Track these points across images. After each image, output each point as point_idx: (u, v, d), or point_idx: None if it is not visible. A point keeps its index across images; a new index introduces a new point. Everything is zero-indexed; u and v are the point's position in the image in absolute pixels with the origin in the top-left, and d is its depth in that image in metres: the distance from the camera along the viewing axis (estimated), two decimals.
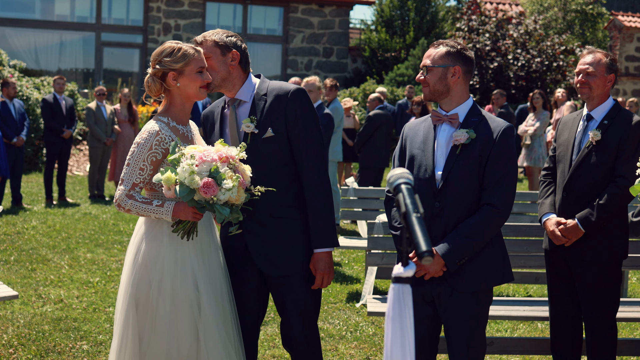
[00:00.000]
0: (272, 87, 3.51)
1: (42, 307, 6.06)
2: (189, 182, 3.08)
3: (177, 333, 3.29)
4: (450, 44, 3.47)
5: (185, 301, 3.30)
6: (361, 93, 18.36)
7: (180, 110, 3.44)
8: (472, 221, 3.33)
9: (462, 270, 3.38)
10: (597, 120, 4.15)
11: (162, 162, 3.31)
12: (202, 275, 3.35)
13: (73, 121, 11.78)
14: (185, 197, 3.11)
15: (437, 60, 3.45)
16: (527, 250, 5.19)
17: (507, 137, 3.39)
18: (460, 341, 3.42)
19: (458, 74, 3.44)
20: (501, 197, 3.34)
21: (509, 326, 5.90)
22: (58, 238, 8.76)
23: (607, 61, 4.15)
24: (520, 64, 19.96)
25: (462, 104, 3.47)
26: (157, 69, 3.38)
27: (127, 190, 3.30)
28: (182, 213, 3.23)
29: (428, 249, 1.92)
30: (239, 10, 22.43)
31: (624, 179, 3.97)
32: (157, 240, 3.33)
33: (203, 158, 3.13)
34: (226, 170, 3.14)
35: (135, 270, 3.35)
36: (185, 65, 3.35)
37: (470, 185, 3.38)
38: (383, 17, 21.30)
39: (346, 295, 6.71)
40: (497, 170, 3.35)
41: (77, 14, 21.59)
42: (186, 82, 3.37)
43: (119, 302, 3.42)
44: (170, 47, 3.38)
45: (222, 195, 3.11)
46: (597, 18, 25.33)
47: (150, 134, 3.32)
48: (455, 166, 3.37)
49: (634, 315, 4.85)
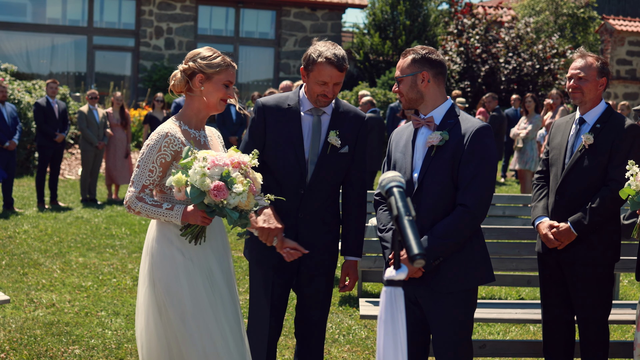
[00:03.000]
0: (346, 106, 3.83)
1: (33, 311, 6.04)
2: (200, 184, 3.09)
3: (207, 333, 3.28)
4: (416, 51, 3.51)
5: (205, 300, 3.31)
6: (354, 96, 18.39)
7: (195, 115, 3.44)
8: (445, 222, 3.37)
9: (440, 271, 3.41)
10: (590, 124, 4.17)
11: (172, 165, 3.31)
12: (217, 274, 3.37)
13: (65, 125, 11.75)
14: (196, 199, 3.11)
15: (405, 69, 3.51)
16: (520, 253, 5.21)
17: (479, 137, 3.39)
18: (445, 343, 3.44)
19: (427, 79, 3.47)
20: (473, 197, 3.35)
21: (502, 329, 5.91)
22: (50, 242, 8.73)
23: (599, 65, 4.16)
24: (512, 68, 20.03)
25: (438, 107, 3.51)
26: (188, 66, 3.39)
27: (137, 192, 3.29)
28: (191, 217, 3.23)
29: (420, 251, 1.93)
30: (231, 14, 22.43)
31: (616, 182, 3.99)
32: (169, 240, 3.33)
33: (215, 162, 3.14)
34: (237, 175, 3.16)
35: (150, 275, 3.34)
36: (215, 73, 3.36)
37: (446, 187, 3.41)
38: (375, 21, 21.34)
39: (339, 299, 6.71)
40: (469, 170, 3.37)
41: (69, 18, 21.55)
42: (210, 89, 3.37)
43: (139, 310, 3.41)
44: (210, 51, 3.41)
45: (232, 199, 3.13)
46: (589, 22, 25.46)
47: (159, 136, 3.31)
48: (430, 168, 3.42)
49: (626, 318, 4.87)
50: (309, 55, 3.65)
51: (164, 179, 3.33)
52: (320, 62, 3.59)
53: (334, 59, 3.59)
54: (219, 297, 3.35)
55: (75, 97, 18.15)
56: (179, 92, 3.45)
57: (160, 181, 3.35)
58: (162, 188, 3.37)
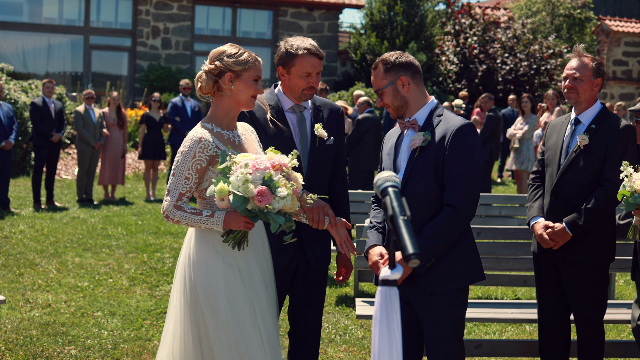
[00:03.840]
0: (321, 100, 3.93)
1: (29, 311, 6.03)
2: (243, 190, 3.02)
3: (243, 338, 3.23)
4: (386, 60, 3.49)
5: (245, 306, 3.26)
6: (350, 97, 18.39)
7: (226, 115, 3.36)
8: (434, 223, 3.37)
9: (430, 271, 3.42)
10: (585, 125, 4.17)
11: (208, 170, 3.24)
12: (258, 280, 3.32)
13: (62, 125, 11.74)
14: (240, 206, 3.04)
15: (382, 81, 3.50)
16: (516, 253, 5.22)
17: (461, 135, 3.38)
18: (437, 343, 3.45)
19: (407, 82, 3.47)
20: (458, 197, 3.35)
21: (498, 329, 5.92)
22: (46, 242, 8.72)
23: (594, 65, 4.17)
24: (509, 68, 20.06)
25: (421, 109, 3.51)
26: (215, 67, 3.31)
27: (174, 201, 3.22)
28: (233, 223, 3.16)
29: (415, 251, 1.93)
30: (228, 14, 22.42)
31: (611, 183, 4.00)
32: (209, 245, 3.27)
33: (256, 166, 3.07)
34: (280, 178, 3.09)
35: (187, 280, 3.28)
36: (244, 70, 3.30)
37: (431, 187, 3.41)
38: (372, 21, 21.34)
39: (335, 299, 6.72)
40: (453, 169, 3.37)
41: (66, 17, 21.51)
42: (241, 87, 3.31)
43: (171, 311, 3.35)
44: (234, 48, 3.34)
45: (276, 203, 3.06)
46: (585, 22, 25.50)
47: (193, 142, 3.23)
48: (414, 169, 3.42)
49: (621, 317, 4.88)
50: (285, 52, 3.69)
51: (201, 185, 3.27)
52: (301, 54, 3.65)
53: (312, 48, 3.68)
54: (257, 303, 3.29)
55: (71, 96, 18.14)
56: (207, 94, 3.37)
57: (197, 187, 3.28)
58: (201, 194, 3.30)
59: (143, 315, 6.02)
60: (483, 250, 5.26)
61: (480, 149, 3.47)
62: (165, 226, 9.99)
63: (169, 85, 20.00)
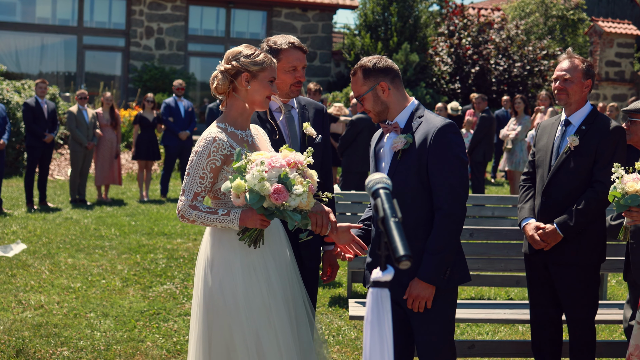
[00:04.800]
0: (305, 99, 3.95)
1: (22, 313, 6.01)
2: (260, 188, 3.04)
3: (255, 342, 3.22)
4: (364, 66, 3.48)
5: (261, 307, 3.25)
6: (344, 97, 18.41)
7: (240, 115, 3.37)
8: (433, 236, 3.36)
9: (417, 273, 3.41)
10: (575, 126, 4.19)
11: (222, 169, 3.25)
12: (275, 279, 3.32)
13: (55, 125, 11.71)
14: (256, 204, 3.06)
15: (361, 87, 3.50)
16: (508, 254, 5.23)
17: (443, 136, 3.37)
18: (427, 343, 3.46)
19: (386, 87, 3.47)
20: (447, 199, 3.35)
21: (490, 329, 5.93)
22: (38, 243, 8.70)
23: (584, 67, 4.19)
24: (502, 69, 20.11)
25: (402, 111, 3.51)
26: (231, 66, 3.31)
27: (189, 200, 3.22)
28: (249, 221, 3.17)
29: (406, 253, 1.93)
30: (222, 14, 22.41)
31: (602, 184, 4.01)
32: (229, 246, 3.28)
33: (272, 164, 3.09)
34: (295, 175, 3.11)
35: (206, 282, 3.27)
36: (260, 71, 3.31)
37: (414, 189, 3.40)
38: (366, 22, 21.36)
39: (329, 300, 6.72)
40: (436, 171, 3.37)
41: (59, 17, 21.47)
42: (257, 87, 3.32)
43: (194, 314, 3.35)
44: (250, 48, 3.35)
45: (292, 201, 3.07)
46: (578, 23, 25.57)
47: (207, 141, 3.24)
48: (397, 172, 3.43)
49: (613, 318, 4.89)
50: (268, 49, 3.70)
51: (216, 185, 3.28)
52: (286, 49, 3.67)
53: (296, 42, 3.70)
54: (274, 303, 3.29)
55: (64, 97, 18.10)
56: (222, 94, 3.37)
57: (212, 187, 3.28)
58: (216, 194, 3.30)
59: (136, 317, 6.02)
60: (476, 251, 5.27)
61: (463, 146, 3.48)
62: (159, 227, 9.98)
63: (162, 86, 19.98)
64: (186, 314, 6.06)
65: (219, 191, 3.29)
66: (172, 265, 7.84)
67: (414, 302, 3.39)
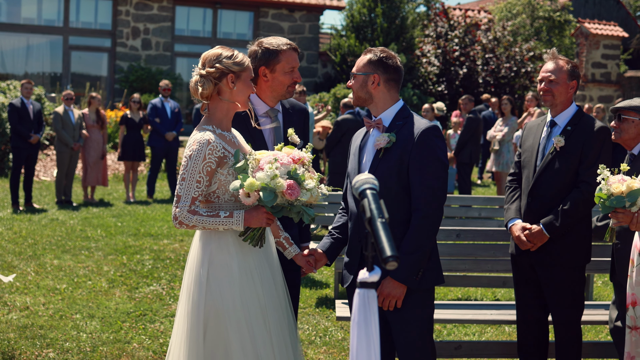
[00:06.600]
0: (290, 101, 3.91)
1: (7, 314, 5.97)
2: (274, 185, 3.06)
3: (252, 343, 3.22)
4: (375, 52, 3.52)
5: (257, 309, 3.26)
6: (331, 98, 18.41)
7: (224, 116, 3.36)
8: (408, 236, 3.38)
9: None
10: (561, 127, 4.21)
11: (216, 172, 3.22)
12: (269, 280, 3.33)
13: (40, 126, 11.64)
14: (271, 201, 3.08)
15: (360, 67, 3.54)
16: (495, 255, 5.25)
17: (427, 138, 3.40)
18: (406, 344, 3.47)
19: (377, 82, 3.49)
20: (424, 200, 3.37)
21: (477, 330, 5.95)
22: (24, 244, 8.64)
23: (569, 68, 4.21)
24: (489, 70, 20.18)
25: (388, 110, 3.53)
26: (214, 69, 3.28)
27: (187, 206, 3.17)
28: (254, 220, 3.16)
29: (393, 253, 1.94)
30: (209, 15, 22.35)
31: (587, 184, 4.03)
32: (225, 249, 3.26)
33: (280, 161, 3.13)
34: (303, 171, 3.18)
35: (201, 285, 3.24)
36: (242, 71, 3.32)
37: (393, 188, 3.42)
38: (353, 23, 21.36)
39: (315, 300, 6.71)
40: (418, 173, 3.38)
41: (45, 17, 21.33)
42: (241, 88, 3.32)
43: (181, 318, 3.31)
44: (228, 50, 3.35)
45: (303, 196, 3.12)
46: (564, 25, 25.69)
47: (201, 144, 3.20)
48: (378, 170, 3.43)
49: (599, 319, 4.92)
50: (265, 50, 3.68)
51: (210, 188, 3.25)
52: (284, 49, 3.67)
53: (292, 44, 3.73)
54: (270, 304, 3.30)
55: (50, 97, 17.99)
56: (207, 98, 3.31)
57: (207, 190, 3.26)
58: (209, 197, 3.28)
59: (122, 318, 5.99)
60: (463, 251, 5.28)
61: (446, 150, 3.50)
62: (145, 228, 9.93)
63: (148, 87, 19.90)
64: (173, 315, 6.04)
65: (212, 194, 3.27)
66: (159, 266, 7.81)
67: (384, 300, 3.41)
